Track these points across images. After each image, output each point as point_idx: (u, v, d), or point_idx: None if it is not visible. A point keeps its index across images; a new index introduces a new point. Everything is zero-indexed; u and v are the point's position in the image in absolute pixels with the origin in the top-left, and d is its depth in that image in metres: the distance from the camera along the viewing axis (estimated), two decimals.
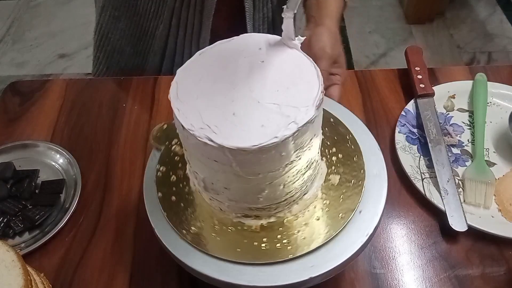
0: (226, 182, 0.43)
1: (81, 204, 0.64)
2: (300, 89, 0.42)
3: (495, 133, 0.72)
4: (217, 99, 0.41)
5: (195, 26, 0.81)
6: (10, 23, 2.31)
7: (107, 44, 0.89)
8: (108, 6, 0.83)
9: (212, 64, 0.45)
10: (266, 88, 0.42)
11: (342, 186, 0.50)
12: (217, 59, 0.45)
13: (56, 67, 2.09)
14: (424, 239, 0.61)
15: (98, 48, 0.91)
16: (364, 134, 0.54)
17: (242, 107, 0.41)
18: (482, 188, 0.64)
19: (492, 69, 0.81)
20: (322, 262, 0.45)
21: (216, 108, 0.41)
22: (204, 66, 0.45)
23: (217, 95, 0.42)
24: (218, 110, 0.41)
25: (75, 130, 0.75)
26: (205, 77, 0.44)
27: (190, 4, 0.78)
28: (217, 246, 0.46)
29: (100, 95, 0.80)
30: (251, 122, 0.39)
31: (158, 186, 0.51)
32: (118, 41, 0.88)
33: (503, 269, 0.58)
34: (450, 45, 2.13)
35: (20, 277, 0.47)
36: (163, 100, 0.78)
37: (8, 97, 0.81)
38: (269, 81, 0.42)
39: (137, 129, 0.74)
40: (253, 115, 0.40)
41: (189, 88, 0.43)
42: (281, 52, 0.45)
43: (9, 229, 0.61)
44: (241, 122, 0.39)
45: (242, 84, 0.42)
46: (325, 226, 0.47)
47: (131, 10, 0.82)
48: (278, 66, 0.44)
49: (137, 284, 0.57)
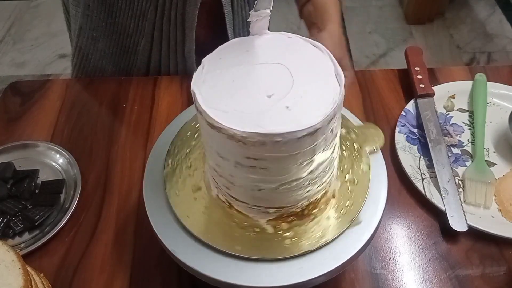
0: (238, 177, 0.43)
1: (81, 204, 0.64)
2: (320, 88, 0.42)
3: (495, 133, 0.72)
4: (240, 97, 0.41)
5: (178, 38, 0.79)
6: (10, 23, 2.31)
7: (87, 66, 0.87)
8: (85, 27, 0.81)
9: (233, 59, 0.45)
10: (287, 86, 0.42)
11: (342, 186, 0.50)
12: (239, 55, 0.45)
13: (56, 67, 2.09)
14: (424, 239, 0.61)
15: (79, 69, 0.89)
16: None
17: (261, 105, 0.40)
18: (482, 188, 0.64)
19: (492, 69, 0.81)
20: (322, 262, 0.45)
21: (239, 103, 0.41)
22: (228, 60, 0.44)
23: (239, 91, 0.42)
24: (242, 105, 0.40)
25: (75, 130, 0.75)
26: (227, 71, 0.43)
27: (171, 17, 0.76)
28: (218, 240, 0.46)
29: (100, 95, 0.80)
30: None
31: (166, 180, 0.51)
32: (98, 61, 0.86)
33: (503, 269, 0.58)
34: (450, 45, 2.13)
35: (20, 277, 0.47)
36: (163, 100, 0.78)
37: (8, 97, 0.81)
38: (289, 78, 0.42)
39: (137, 129, 0.74)
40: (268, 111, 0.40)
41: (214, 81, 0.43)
42: (303, 50, 0.45)
43: (9, 229, 0.61)
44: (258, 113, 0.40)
45: (262, 82, 0.42)
46: (325, 226, 0.47)
47: (109, 29, 0.80)
48: (299, 65, 0.44)
49: (137, 284, 0.57)
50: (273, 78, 0.42)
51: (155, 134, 0.73)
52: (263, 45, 0.46)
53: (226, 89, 0.42)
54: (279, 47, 0.46)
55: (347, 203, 0.48)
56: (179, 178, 0.51)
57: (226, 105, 0.40)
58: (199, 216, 0.48)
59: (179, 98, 0.78)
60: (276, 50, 0.45)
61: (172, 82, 0.81)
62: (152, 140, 0.72)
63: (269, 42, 0.46)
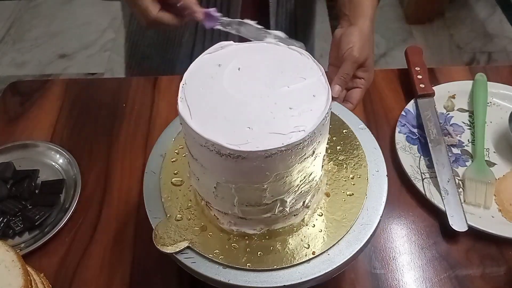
0: (231, 186, 0.43)
1: (81, 204, 0.64)
2: (308, 98, 0.41)
3: (495, 133, 0.72)
4: (226, 105, 0.41)
5: (221, 30, 0.80)
6: (10, 23, 2.31)
7: (137, 52, 0.91)
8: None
9: (216, 66, 0.45)
10: (275, 94, 0.42)
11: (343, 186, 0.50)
12: (224, 60, 0.45)
13: (56, 67, 2.09)
14: (424, 239, 0.61)
15: (130, 55, 0.93)
16: (364, 134, 0.54)
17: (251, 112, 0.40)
18: (482, 188, 0.64)
19: (492, 69, 0.81)
20: (322, 262, 0.45)
21: (225, 116, 0.40)
22: (210, 68, 0.44)
23: (226, 100, 0.41)
24: (228, 118, 0.40)
25: (75, 130, 0.75)
26: (211, 80, 0.43)
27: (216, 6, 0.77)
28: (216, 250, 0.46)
29: (100, 95, 0.80)
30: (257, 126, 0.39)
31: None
32: (146, 48, 0.89)
33: (503, 269, 0.58)
34: (450, 45, 2.13)
35: (20, 277, 0.47)
36: (163, 100, 0.78)
37: (8, 97, 0.81)
38: (276, 87, 0.42)
39: (137, 129, 0.74)
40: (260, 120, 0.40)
41: (197, 92, 0.42)
42: (289, 57, 0.45)
43: (9, 229, 0.61)
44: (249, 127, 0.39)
45: (252, 88, 0.42)
46: (326, 226, 0.47)
47: None
48: (288, 74, 0.43)
49: (137, 284, 0.57)
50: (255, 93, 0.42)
51: (155, 134, 0.73)
52: (244, 54, 0.46)
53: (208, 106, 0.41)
54: (262, 55, 0.45)
55: (346, 203, 0.48)
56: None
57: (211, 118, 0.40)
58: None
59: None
60: (265, 59, 0.45)
61: (172, 82, 0.81)
62: (152, 140, 0.72)
63: (253, 50, 0.46)
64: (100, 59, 2.11)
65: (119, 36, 2.21)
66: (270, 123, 0.39)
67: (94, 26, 2.25)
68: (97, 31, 2.23)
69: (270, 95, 0.41)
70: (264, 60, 0.45)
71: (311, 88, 0.42)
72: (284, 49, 0.46)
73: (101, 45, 2.17)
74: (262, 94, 0.41)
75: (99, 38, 2.20)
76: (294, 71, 0.43)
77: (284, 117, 0.40)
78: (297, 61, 0.45)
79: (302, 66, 0.44)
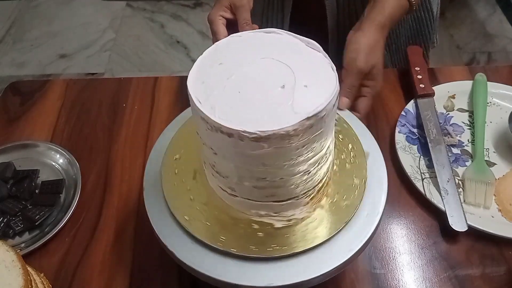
0: (238, 175, 0.43)
1: (81, 204, 0.64)
2: (317, 87, 0.42)
3: (495, 133, 0.72)
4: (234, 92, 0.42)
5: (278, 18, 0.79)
6: (10, 23, 2.31)
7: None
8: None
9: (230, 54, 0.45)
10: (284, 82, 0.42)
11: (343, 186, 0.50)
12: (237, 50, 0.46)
13: (56, 67, 2.09)
14: (424, 239, 0.61)
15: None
16: (364, 134, 0.54)
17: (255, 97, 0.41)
18: (482, 188, 0.64)
19: (492, 69, 0.81)
20: (322, 262, 0.45)
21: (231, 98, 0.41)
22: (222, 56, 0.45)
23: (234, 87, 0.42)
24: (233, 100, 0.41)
25: (75, 130, 0.75)
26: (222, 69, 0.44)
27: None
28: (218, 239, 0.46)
29: (100, 95, 0.80)
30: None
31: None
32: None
33: (503, 269, 0.58)
34: (450, 45, 2.13)
35: (20, 277, 0.47)
36: (163, 100, 0.78)
37: (8, 97, 0.81)
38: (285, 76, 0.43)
39: (137, 129, 0.74)
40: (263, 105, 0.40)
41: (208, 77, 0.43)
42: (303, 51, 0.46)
43: (9, 229, 0.61)
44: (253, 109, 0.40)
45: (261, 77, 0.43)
46: (326, 225, 0.47)
47: None
48: (298, 64, 0.44)
49: (137, 284, 0.57)
50: (271, 74, 0.43)
51: (155, 134, 0.73)
52: (257, 43, 0.46)
53: (221, 86, 0.42)
54: (274, 44, 0.46)
55: (346, 202, 0.48)
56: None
57: (220, 101, 0.40)
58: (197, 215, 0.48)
59: (179, 98, 0.78)
60: (272, 47, 0.46)
61: (172, 82, 0.81)
62: (152, 140, 0.72)
63: (264, 39, 0.47)
64: (100, 59, 2.11)
65: (119, 36, 2.21)
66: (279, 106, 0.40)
67: (94, 26, 2.25)
68: (97, 31, 2.23)
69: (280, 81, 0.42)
70: (279, 48, 0.45)
71: (319, 69, 0.43)
72: (298, 41, 0.46)
73: (101, 45, 2.17)
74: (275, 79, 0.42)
75: (99, 38, 2.20)
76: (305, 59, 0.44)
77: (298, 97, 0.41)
78: (309, 51, 0.46)
79: (313, 55, 0.45)
